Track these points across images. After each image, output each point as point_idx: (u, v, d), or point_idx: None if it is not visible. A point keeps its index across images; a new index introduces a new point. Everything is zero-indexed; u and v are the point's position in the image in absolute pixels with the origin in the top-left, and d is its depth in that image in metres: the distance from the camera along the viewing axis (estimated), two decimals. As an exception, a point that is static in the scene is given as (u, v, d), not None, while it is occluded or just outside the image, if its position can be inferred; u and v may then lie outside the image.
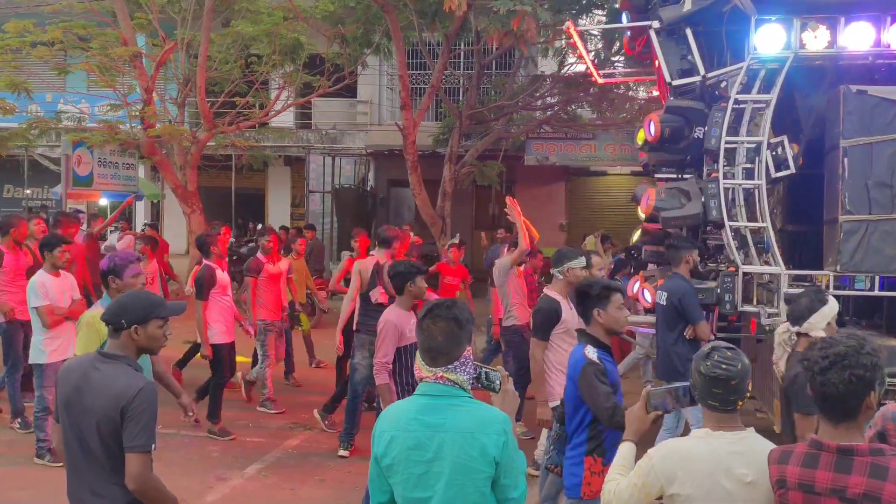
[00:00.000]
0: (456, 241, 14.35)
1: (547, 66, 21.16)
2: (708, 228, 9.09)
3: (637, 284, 9.69)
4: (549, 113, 20.98)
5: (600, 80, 12.61)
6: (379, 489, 3.62)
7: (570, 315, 7.19)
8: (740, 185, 8.60)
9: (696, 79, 8.80)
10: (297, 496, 8.28)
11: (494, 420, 3.49)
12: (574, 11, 17.31)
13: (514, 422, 3.70)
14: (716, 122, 8.49)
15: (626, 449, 4.00)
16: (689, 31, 8.80)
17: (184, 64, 20.64)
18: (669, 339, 8.29)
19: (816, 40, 8.45)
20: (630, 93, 19.62)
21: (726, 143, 8.53)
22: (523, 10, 13.20)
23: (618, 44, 17.76)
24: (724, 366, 3.55)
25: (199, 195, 19.43)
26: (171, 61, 19.94)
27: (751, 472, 3.49)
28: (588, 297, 5.29)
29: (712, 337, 8.16)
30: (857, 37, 8.43)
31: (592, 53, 19.07)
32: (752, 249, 8.51)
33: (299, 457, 9.50)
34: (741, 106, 8.60)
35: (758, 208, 8.51)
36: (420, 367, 3.57)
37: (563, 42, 18.21)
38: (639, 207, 9.04)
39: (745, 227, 8.53)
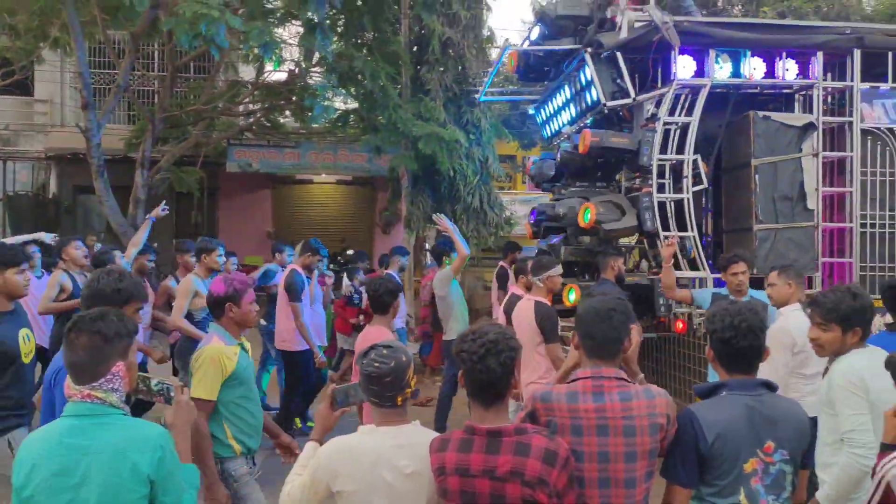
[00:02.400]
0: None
1: (248, 72, 20.70)
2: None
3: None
4: (251, 119, 20.59)
5: (482, 99, 12.98)
6: None
7: None
8: (668, 198, 9.47)
9: (628, 101, 9.58)
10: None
11: (148, 436, 3.35)
12: (271, 20, 17.26)
13: (182, 434, 3.72)
14: (647, 141, 9.31)
15: (308, 448, 4.05)
16: (620, 57, 9.53)
17: None
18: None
19: (722, 70, 9.62)
20: (326, 103, 19.80)
21: (657, 160, 9.38)
22: (210, 13, 12.99)
23: (316, 55, 17.93)
24: (377, 363, 3.74)
25: None
26: None
27: (412, 464, 3.70)
28: None
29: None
30: (756, 69, 9.70)
31: (293, 63, 19.11)
32: (680, 255, 9.43)
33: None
34: (667, 127, 9.46)
35: (687, 218, 9.45)
36: (68, 385, 3.39)
37: (258, 50, 17.90)
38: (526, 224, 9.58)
39: (677, 236, 9.43)
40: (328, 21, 15.91)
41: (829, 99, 9.93)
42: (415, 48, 18.06)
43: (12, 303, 5.56)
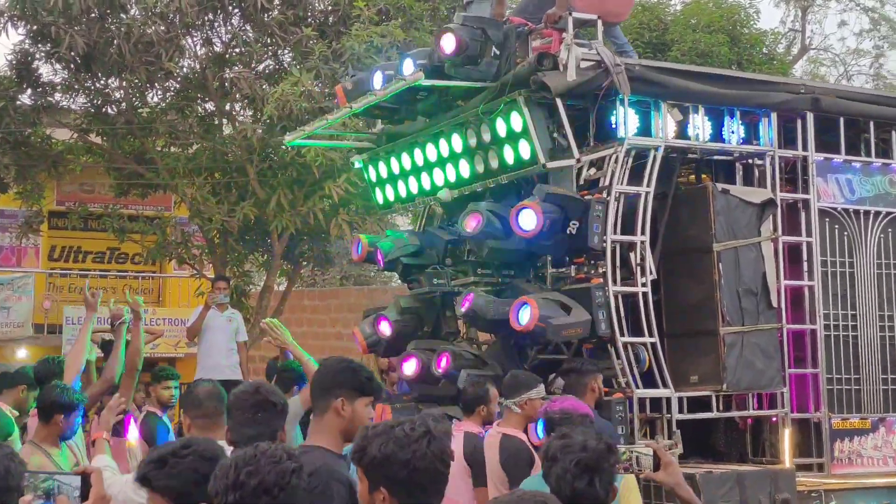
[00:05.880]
0: None
1: None
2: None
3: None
4: None
5: (291, 143, 9.84)
6: None
7: None
8: (622, 291, 7.34)
9: (570, 162, 7.28)
10: None
11: None
12: None
13: None
14: (597, 216, 7.12)
15: None
16: (560, 105, 7.25)
17: None
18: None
19: (669, 128, 7.72)
20: None
21: (611, 242, 7.24)
22: None
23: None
24: None
25: None
26: None
27: None
28: None
29: None
30: (700, 129, 7.88)
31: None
32: (635, 368, 7.30)
33: None
34: (608, 198, 7.33)
35: (643, 318, 7.35)
36: None
37: None
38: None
39: (637, 342, 7.29)
40: None
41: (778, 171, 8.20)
42: None
43: None
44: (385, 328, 8.40)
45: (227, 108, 14.59)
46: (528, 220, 6.98)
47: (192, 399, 4.77)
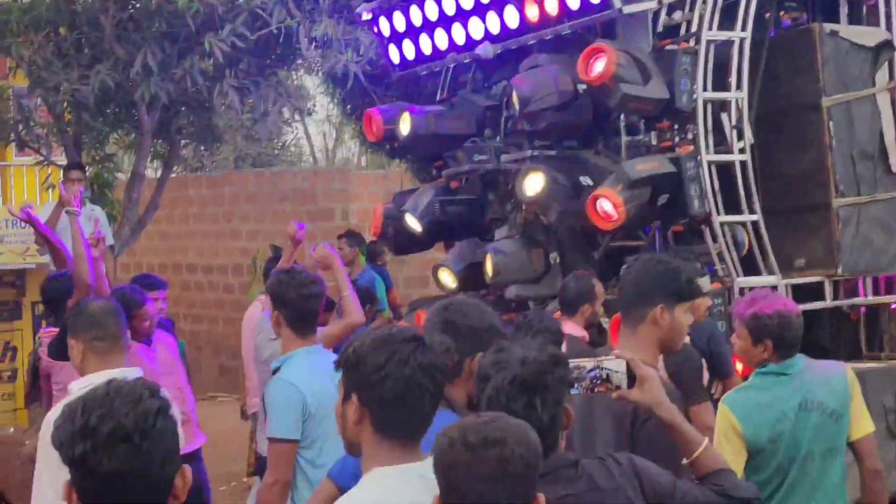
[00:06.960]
0: None
1: None
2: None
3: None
4: None
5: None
6: None
7: None
8: (716, 160, 6.16)
9: (650, 4, 5.98)
10: None
11: None
12: None
13: None
14: (684, 70, 5.92)
15: None
16: None
17: None
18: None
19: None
20: None
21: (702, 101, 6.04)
22: None
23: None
24: None
25: None
26: None
27: None
28: None
29: None
30: None
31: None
32: (735, 254, 6.13)
33: None
34: (696, 47, 6.12)
35: (741, 192, 6.19)
36: None
37: None
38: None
39: (736, 221, 6.12)
40: None
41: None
42: None
43: None
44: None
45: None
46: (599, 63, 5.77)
47: (86, 318, 3.96)
